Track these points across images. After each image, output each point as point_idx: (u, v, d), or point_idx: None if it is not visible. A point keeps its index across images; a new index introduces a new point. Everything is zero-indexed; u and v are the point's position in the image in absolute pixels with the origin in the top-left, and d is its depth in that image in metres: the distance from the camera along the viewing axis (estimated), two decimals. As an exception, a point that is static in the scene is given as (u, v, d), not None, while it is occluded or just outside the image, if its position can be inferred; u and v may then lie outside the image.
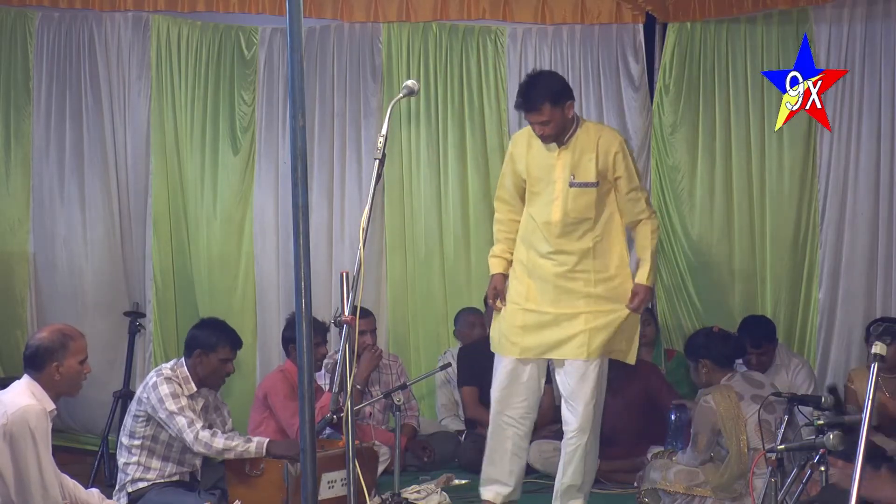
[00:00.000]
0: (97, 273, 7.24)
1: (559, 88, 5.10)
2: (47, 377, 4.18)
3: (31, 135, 7.24)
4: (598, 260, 5.21)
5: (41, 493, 4.05)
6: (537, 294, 5.24)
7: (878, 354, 3.16)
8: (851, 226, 6.76)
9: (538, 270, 5.24)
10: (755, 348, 6.14)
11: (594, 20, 7.14)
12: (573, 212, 5.15)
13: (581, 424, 5.19)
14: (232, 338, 5.37)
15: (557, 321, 5.21)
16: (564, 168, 5.16)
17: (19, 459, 4.01)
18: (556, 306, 5.22)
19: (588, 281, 5.21)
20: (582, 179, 5.15)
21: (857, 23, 6.67)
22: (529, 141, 5.27)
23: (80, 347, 4.26)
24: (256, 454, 5.17)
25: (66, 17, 7.21)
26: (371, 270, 7.17)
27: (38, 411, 4.06)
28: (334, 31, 7.26)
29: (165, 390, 5.14)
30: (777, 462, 4.10)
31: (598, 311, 5.20)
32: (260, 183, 7.27)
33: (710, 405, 5.28)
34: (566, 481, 5.27)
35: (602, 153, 5.17)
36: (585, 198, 5.16)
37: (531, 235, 5.27)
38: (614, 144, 5.21)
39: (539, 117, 5.08)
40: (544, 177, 5.21)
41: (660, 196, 7.13)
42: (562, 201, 5.14)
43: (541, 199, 5.22)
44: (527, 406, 5.35)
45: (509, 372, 5.30)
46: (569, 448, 5.24)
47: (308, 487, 3.20)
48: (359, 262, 3.79)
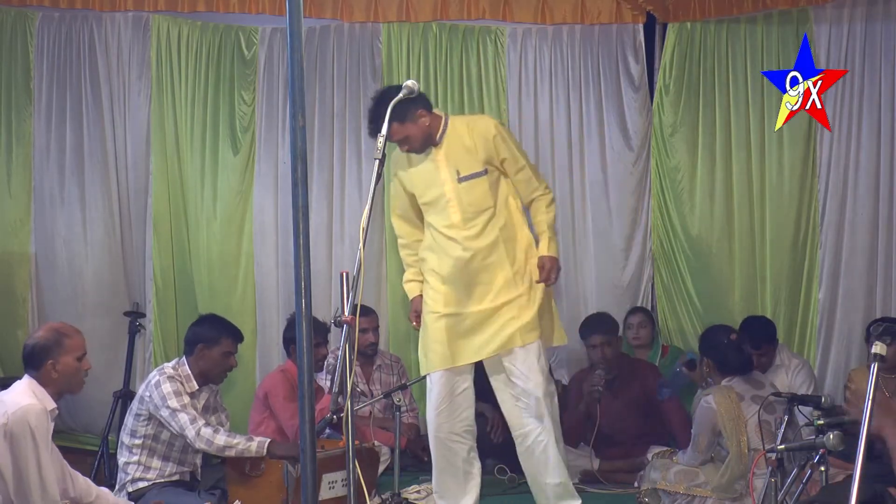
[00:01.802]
0: (97, 273, 7.24)
1: (400, 106, 4.62)
2: (45, 375, 4.19)
3: (32, 135, 7.25)
4: (507, 245, 5.10)
5: (40, 493, 4.05)
6: (455, 297, 5.09)
7: (878, 354, 3.16)
8: (851, 226, 6.76)
9: (453, 273, 5.09)
10: (755, 349, 6.12)
11: (594, 20, 7.14)
12: (470, 206, 5.05)
13: (538, 415, 5.00)
14: (233, 331, 5.39)
15: (482, 319, 5.07)
16: (448, 167, 5.07)
17: (19, 459, 4.02)
18: (477, 303, 5.07)
19: (503, 269, 5.08)
20: (468, 172, 5.06)
21: (857, 23, 6.67)
22: (407, 157, 5.17)
23: (77, 344, 4.26)
24: (257, 453, 5.17)
25: (66, 17, 7.22)
26: (371, 270, 7.17)
27: (38, 411, 4.06)
28: (334, 31, 7.26)
29: (168, 388, 5.15)
30: (777, 462, 4.10)
31: (518, 296, 5.07)
32: (260, 183, 7.27)
33: (710, 405, 5.27)
34: (552, 480, 5.09)
35: (481, 140, 5.08)
36: (478, 188, 5.06)
37: (438, 243, 5.13)
38: (490, 128, 5.13)
39: (393, 138, 4.92)
40: (432, 183, 5.10)
41: (660, 196, 7.13)
42: (456, 200, 5.05)
43: (437, 206, 5.11)
44: (468, 419, 5.18)
45: (443, 386, 5.12)
46: (539, 448, 5.06)
47: (308, 487, 3.21)
48: (359, 262, 3.79)
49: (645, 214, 7.22)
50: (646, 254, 7.23)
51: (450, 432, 5.15)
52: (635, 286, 7.26)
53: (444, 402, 5.13)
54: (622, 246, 7.24)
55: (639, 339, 6.90)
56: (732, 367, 5.36)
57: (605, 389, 6.13)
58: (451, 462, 5.18)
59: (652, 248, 7.19)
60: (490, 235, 5.10)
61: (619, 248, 7.24)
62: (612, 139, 7.18)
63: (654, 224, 7.17)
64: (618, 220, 7.25)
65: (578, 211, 7.27)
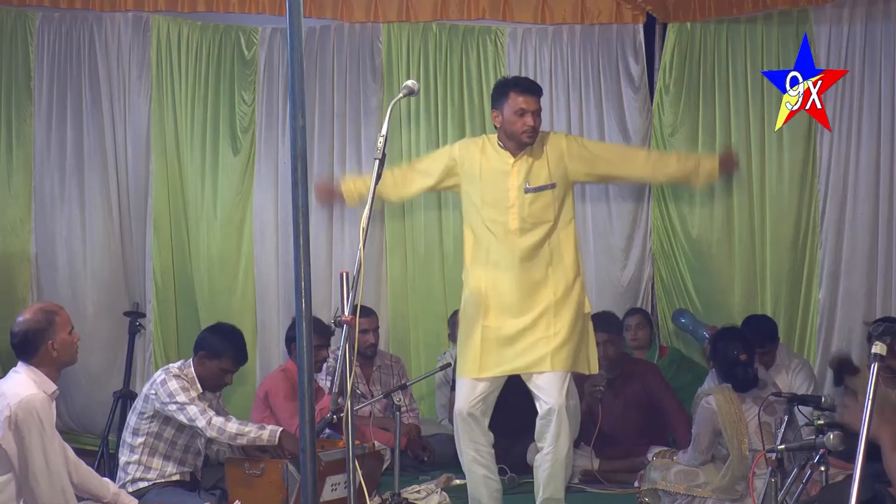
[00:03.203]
0: (97, 273, 7.25)
1: None
2: (44, 357, 4.23)
3: (32, 136, 7.25)
4: (556, 265, 5.03)
5: (47, 481, 4.12)
6: (498, 310, 5.00)
7: (878, 354, 3.16)
8: (851, 226, 6.77)
9: (500, 286, 5.00)
10: (759, 347, 6.09)
11: (594, 20, 7.14)
12: (530, 217, 4.99)
13: (559, 433, 4.92)
14: (239, 353, 5.35)
15: (522, 335, 4.97)
16: (519, 174, 5.00)
17: (26, 448, 4.07)
18: (519, 317, 4.97)
19: (548, 287, 5.00)
20: (537, 184, 5.00)
21: (857, 23, 6.67)
22: (483, 148, 5.12)
23: (65, 319, 4.32)
24: (269, 442, 5.14)
25: (66, 17, 7.22)
26: (371, 270, 7.18)
27: (42, 399, 4.12)
28: (334, 31, 7.27)
29: (175, 385, 5.15)
30: (777, 462, 4.11)
31: (562, 321, 4.98)
32: (260, 183, 7.28)
33: (710, 406, 5.27)
34: (547, 495, 5.01)
35: (554, 152, 5.05)
36: (542, 201, 5.01)
37: (488, 251, 5.04)
38: (561, 139, 5.11)
39: (538, 105, 4.99)
40: (498, 185, 5.02)
41: (660, 196, 7.14)
42: (518, 208, 4.98)
43: (496, 208, 5.02)
44: None
45: (470, 390, 5.02)
46: (546, 463, 4.98)
47: (308, 488, 3.21)
48: (359, 262, 3.79)
49: (645, 214, 7.22)
50: (646, 254, 7.23)
51: None
52: (635, 286, 7.26)
53: (476, 403, 5.04)
54: (622, 246, 7.24)
55: (637, 341, 6.89)
56: (736, 384, 5.32)
57: (606, 389, 6.13)
58: None
59: (652, 248, 7.19)
60: (543, 252, 5.01)
61: (619, 248, 7.24)
62: (612, 139, 7.17)
63: (654, 224, 7.17)
64: (618, 220, 7.25)
65: (578, 211, 7.23)
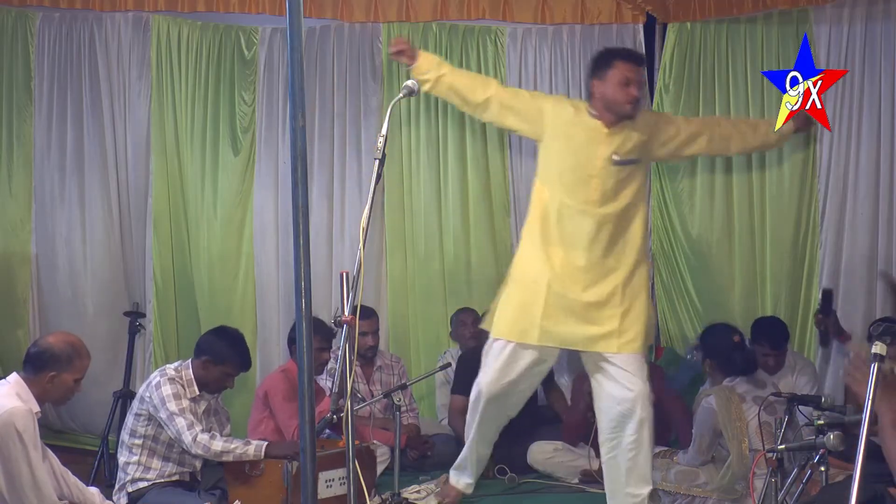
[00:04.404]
0: (97, 273, 7.25)
1: None
2: (40, 382, 4.19)
3: (32, 136, 7.25)
4: (629, 243, 4.97)
5: (35, 494, 4.05)
6: (567, 279, 4.89)
7: (878, 354, 3.15)
8: (851, 226, 6.76)
9: (572, 255, 4.90)
10: (775, 349, 6.05)
11: (594, 20, 7.13)
12: (611, 189, 4.90)
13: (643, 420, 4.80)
14: (242, 359, 5.35)
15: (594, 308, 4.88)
16: (610, 145, 4.89)
17: (9, 461, 4.01)
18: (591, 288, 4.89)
19: (626, 266, 4.94)
20: (626, 157, 4.91)
21: (857, 23, 6.67)
22: (577, 111, 5.01)
23: (82, 367, 4.27)
24: (255, 457, 5.17)
25: (66, 17, 7.22)
26: (371, 270, 7.17)
27: (23, 412, 4.05)
28: (334, 31, 7.26)
29: (168, 391, 5.14)
30: (777, 462, 4.10)
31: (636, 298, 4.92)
32: (260, 183, 7.27)
33: (711, 406, 5.28)
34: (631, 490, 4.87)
35: (646, 128, 4.98)
36: (625, 174, 4.92)
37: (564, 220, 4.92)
38: (648, 114, 5.15)
39: (643, 76, 5.07)
40: (583, 151, 4.93)
41: (660, 196, 7.13)
42: (600, 179, 4.89)
43: (575, 174, 4.92)
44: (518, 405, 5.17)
45: (512, 359, 4.97)
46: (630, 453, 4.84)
47: (308, 488, 3.21)
48: (359, 262, 3.79)
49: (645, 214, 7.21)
50: (646, 254, 7.22)
51: None
52: (635, 286, 7.24)
53: (520, 375, 4.99)
54: (622, 246, 7.23)
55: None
56: (737, 368, 5.33)
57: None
58: None
59: (652, 247, 7.18)
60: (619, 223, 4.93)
61: (619, 247, 7.23)
62: (612, 139, 7.17)
63: (654, 224, 7.16)
64: (618, 220, 7.23)
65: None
